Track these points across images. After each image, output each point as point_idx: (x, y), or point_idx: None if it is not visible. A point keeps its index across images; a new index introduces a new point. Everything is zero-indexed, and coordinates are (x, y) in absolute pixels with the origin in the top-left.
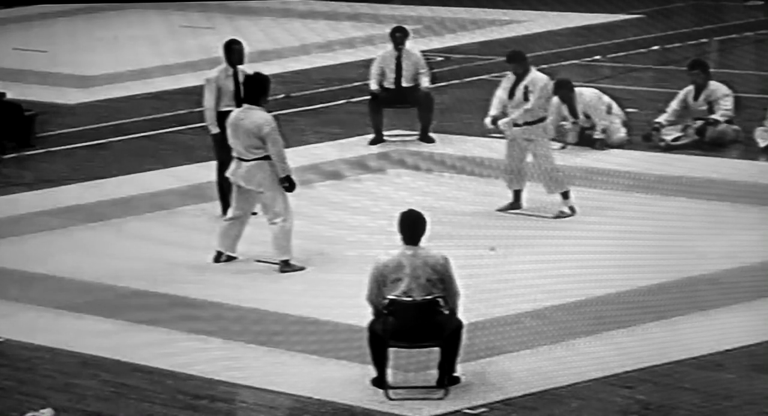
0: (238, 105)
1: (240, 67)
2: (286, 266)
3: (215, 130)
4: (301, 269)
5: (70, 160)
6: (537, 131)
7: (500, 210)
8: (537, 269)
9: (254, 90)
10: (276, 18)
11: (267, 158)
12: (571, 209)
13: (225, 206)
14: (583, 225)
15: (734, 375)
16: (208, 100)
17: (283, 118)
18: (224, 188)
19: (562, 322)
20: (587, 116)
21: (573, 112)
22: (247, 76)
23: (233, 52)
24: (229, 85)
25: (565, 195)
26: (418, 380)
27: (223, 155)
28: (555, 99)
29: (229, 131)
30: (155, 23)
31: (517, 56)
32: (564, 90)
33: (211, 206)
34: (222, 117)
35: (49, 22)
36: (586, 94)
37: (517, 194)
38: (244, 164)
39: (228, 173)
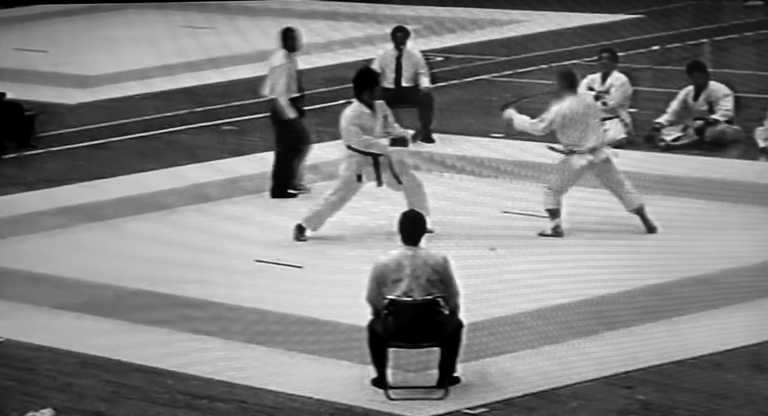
0: (300, 90)
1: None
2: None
3: (293, 114)
4: (298, 267)
5: (70, 160)
6: None
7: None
8: (537, 269)
9: (354, 83)
10: (276, 18)
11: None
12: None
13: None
14: (583, 225)
15: (734, 375)
16: (281, 86)
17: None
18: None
19: (563, 322)
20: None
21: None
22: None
23: (290, 39)
24: (294, 71)
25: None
26: (418, 380)
27: (294, 141)
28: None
29: None
30: (155, 23)
31: None
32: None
33: (210, 206)
34: (293, 103)
35: (50, 22)
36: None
37: None
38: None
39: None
